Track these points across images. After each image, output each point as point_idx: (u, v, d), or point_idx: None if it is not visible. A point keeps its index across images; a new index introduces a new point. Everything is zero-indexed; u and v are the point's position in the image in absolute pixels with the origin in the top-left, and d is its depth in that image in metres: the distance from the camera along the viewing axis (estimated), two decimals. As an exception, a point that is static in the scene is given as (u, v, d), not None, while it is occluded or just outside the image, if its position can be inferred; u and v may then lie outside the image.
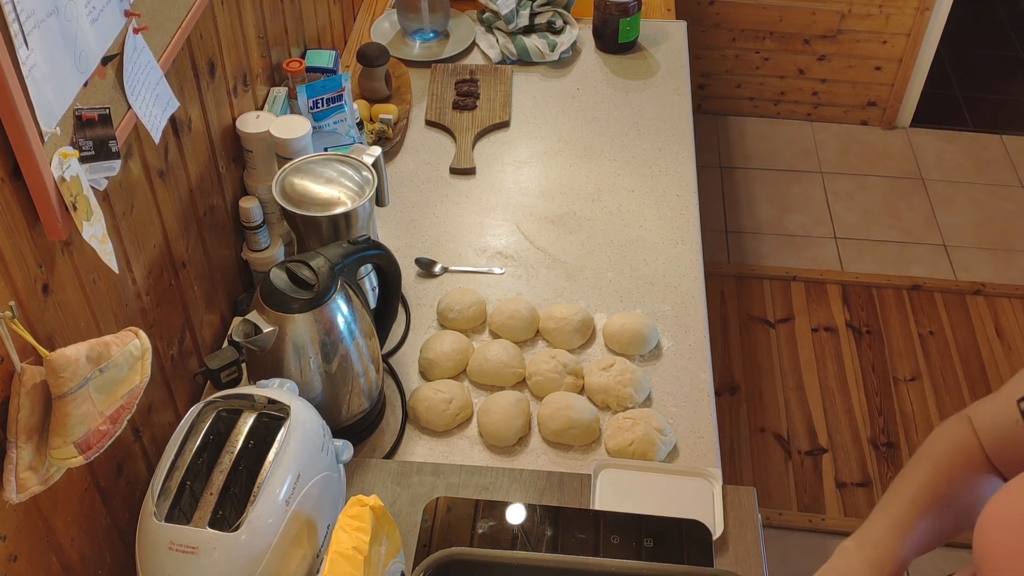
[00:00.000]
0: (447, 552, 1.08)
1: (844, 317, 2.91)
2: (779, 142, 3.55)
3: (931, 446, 1.07)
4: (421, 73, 2.12)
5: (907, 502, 1.02)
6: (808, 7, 3.32)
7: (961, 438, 1.04)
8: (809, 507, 2.43)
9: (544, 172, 1.88)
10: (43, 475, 0.98)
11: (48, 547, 1.05)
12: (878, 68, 3.45)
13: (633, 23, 2.15)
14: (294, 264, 1.26)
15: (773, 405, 2.67)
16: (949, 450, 1.05)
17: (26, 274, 0.98)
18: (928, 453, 1.06)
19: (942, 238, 3.17)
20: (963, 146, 3.53)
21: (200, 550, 1.03)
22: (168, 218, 1.33)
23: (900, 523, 1.01)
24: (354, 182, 1.41)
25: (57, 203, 0.98)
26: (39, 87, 0.94)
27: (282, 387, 1.19)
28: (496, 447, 1.40)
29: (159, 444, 1.30)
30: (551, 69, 2.15)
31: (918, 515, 1.01)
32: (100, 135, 1.06)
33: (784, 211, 3.27)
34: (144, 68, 1.17)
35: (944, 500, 1.02)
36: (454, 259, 1.69)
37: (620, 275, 1.66)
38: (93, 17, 1.04)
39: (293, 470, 1.09)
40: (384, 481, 1.33)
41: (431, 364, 1.48)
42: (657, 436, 1.36)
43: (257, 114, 1.56)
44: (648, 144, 1.94)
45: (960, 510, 1.02)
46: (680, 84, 2.10)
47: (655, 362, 1.51)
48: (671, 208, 1.79)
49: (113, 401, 1.03)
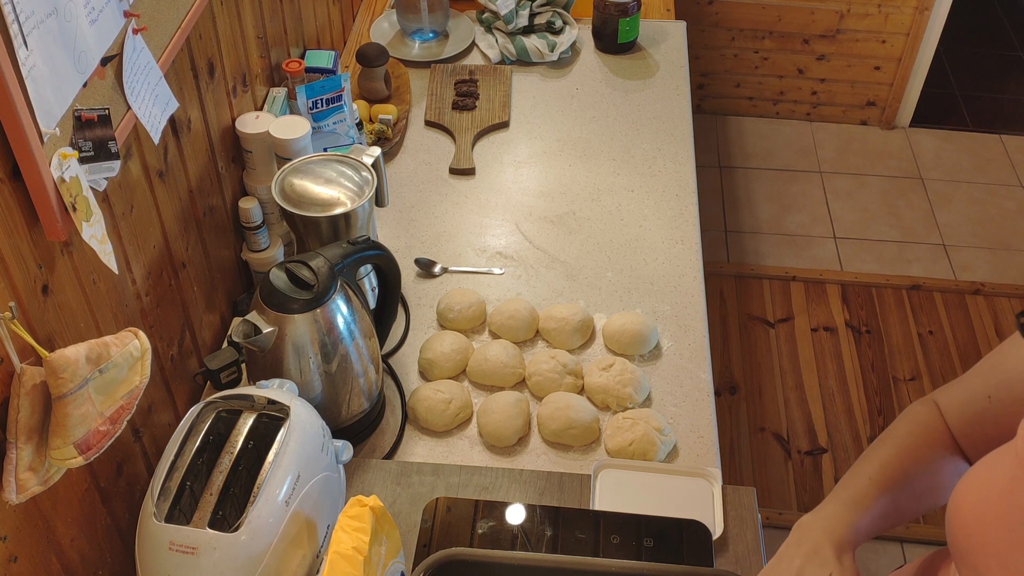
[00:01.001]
0: (447, 552, 1.08)
1: (844, 317, 2.91)
2: (778, 142, 3.55)
3: (895, 427, 1.07)
4: (420, 73, 2.12)
5: (866, 479, 1.02)
6: (807, 7, 3.32)
7: (927, 419, 1.04)
8: (809, 507, 2.41)
9: (544, 172, 1.88)
10: (43, 476, 0.98)
11: (48, 548, 1.05)
12: (877, 68, 3.45)
13: (632, 23, 2.15)
14: (294, 264, 1.26)
15: (773, 405, 2.67)
16: (913, 431, 1.05)
17: (26, 275, 0.98)
18: (892, 434, 1.06)
19: (941, 238, 3.17)
20: (962, 145, 3.53)
21: (200, 550, 1.03)
22: (168, 219, 1.33)
23: (857, 497, 1.01)
24: (354, 182, 1.41)
25: (57, 204, 0.98)
26: (38, 88, 0.94)
27: (282, 387, 1.19)
28: (496, 447, 1.40)
29: (159, 444, 1.30)
30: (550, 69, 2.15)
31: (876, 491, 1.01)
32: (100, 136, 1.06)
33: (783, 211, 3.27)
34: (143, 68, 1.17)
35: (905, 479, 1.02)
36: (454, 259, 1.69)
37: (620, 275, 1.66)
38: (92, 18, 1.04)
39: (293, 470, 1.09)
40: (384, 481, 1.33)
41: (431, 364, 1.48)
42: (657, 436, 1.36)
43: (256, 114, 1.56)
44: (647, 144, 1.94)
45: (921, 490, 1.02)
46: (679, 84, 2.10)
47: (655, 362, 1.51)
48: (670, 208, 1.79)
49: (113, 402, 1.03)
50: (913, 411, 1.07)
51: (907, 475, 1.02)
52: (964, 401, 1.01)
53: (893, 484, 1.01)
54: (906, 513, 1.03)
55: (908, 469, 1.02)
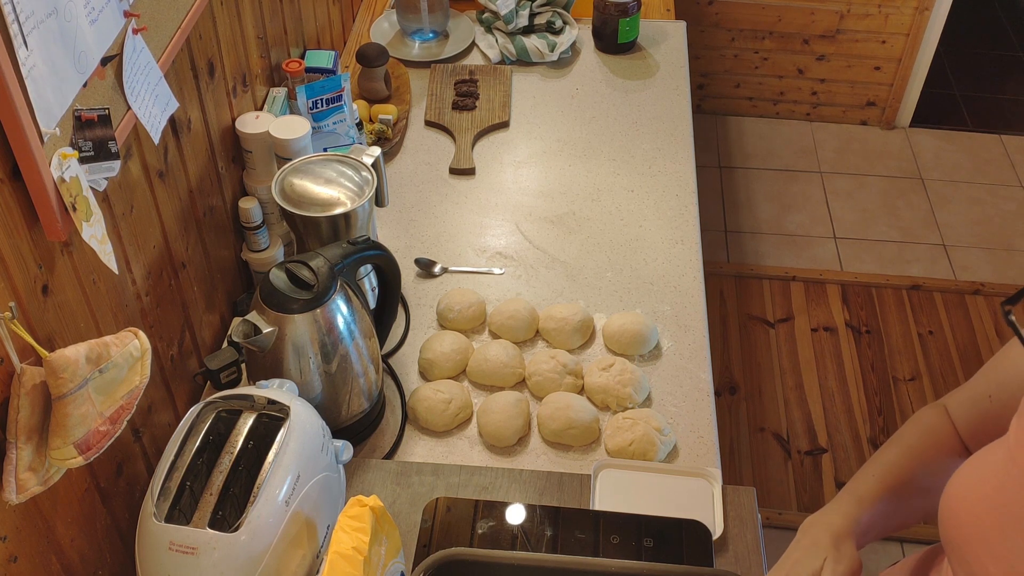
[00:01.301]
0: (447, 552, 1.08)
1: (844, 317, 2.91)
2: (778, 142, 3.55)
3: (905, 431, 1.08)
4: (420, 73, 2.12)
5: (874, 481, 1.03)
6: (807, 7, 3.32)
7: (935, 423, 1.06)
8: (809, 507, 2.43)
9: (543, 172, 1.88)
10: (43, 476, 0.98)
11: (48, 548, 1.05)
12: (877, 68, 3.45)
13: (632, 23, 2.15)
14: (294, 264, 1.26)
15: (773, 405, 2.67)
16: (922, 433, 1.06)
17: (26, 275, 0.98)
18: (900, 437, 1.08)
19: (941, 238, 3.17)
20: (962, 146, 3.53)
21: (200, 550, 1.03)
22: (168, 219, 1.33)
23: (862, 498, 1.03)
24: (354, 182, 1.41)
25: (57, 204, 0.98)
26: (38, 88, 0.94)
27: (282, 387, 1.19)
28: (496, 447, 1.40)
29: (159, 445, 1.30)
30: (550, 69, 2.15)
31: (883, 492, 1.02)
32: (99, 136, 1.06)
33: (783, 211, 3.27)
34: (143, 68, 1.17)
35: (910, 480, 1.03)
36: (454, 259, 1.69)
37: (619, 275, 1.66)
38: (92, 18, 1.04)
39: (293, 470, 1.09)
40: (384, 481, 1.33)
41: (431, 364, 1.48)
42: (657, 436, 1.36)
43: (256, 114, 1.56)
44: (647, 144, 1.94)
45: (927, 492, 1.03)
46: (679, 84, 2.10)
47: (655, 362, 1.51)
48: (670, 208, 1.79)
49: (113, 402, 1.03)
50: (922, 415, 1.08)
51: (913, 477, 1.03)
52: (969, 403, 1.03)
53: (898, 485, 1.03)
54: (912, 514, 1.04)
55: (914, 471, 1.04)
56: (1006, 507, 0.80)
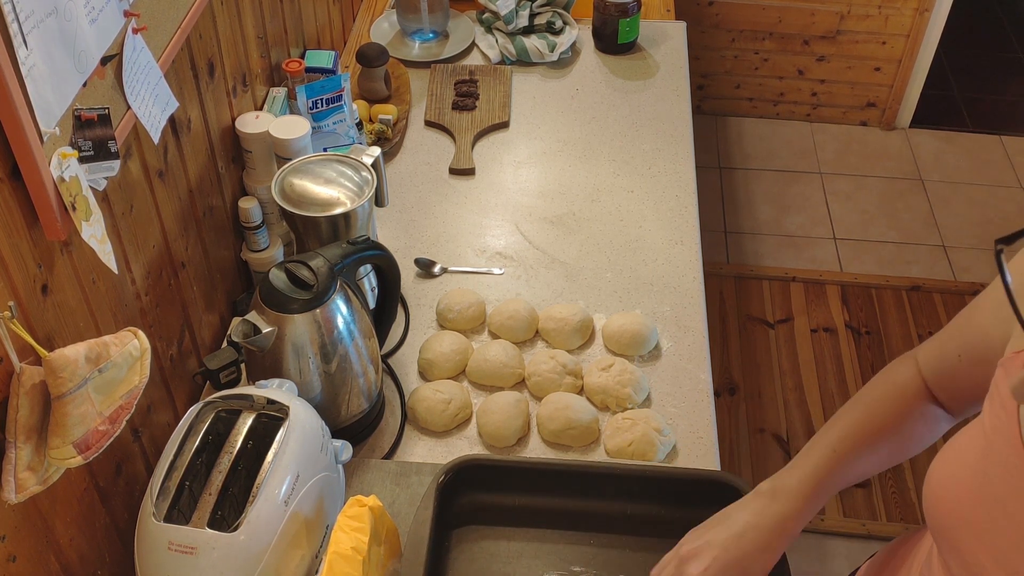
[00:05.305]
0: (465, 457, 1.23)
1: (843, 318, 2.91)
2: (778, 143, 3.55)
3: (870, 389, 1.08)
4: (420, 73, 2.12)
5: (829, 450, 1.03)
6: (807, 8, 3.32)
7: (901, 378, 1.05)
8: (808, 508, 2.43)
9: (543, 172, 1.88)
10: (42, 475, 0.98)
11: (47, 547, 1.05)
12: (877, 69, 3.45)
13: (632, 24, 2.15)
14: (293, 264, 1.26)
15: (772, 405, 2.67)
16: (885, 393, 1.05)
17: (25, 274, 0.98)
18: (864, 397, 1.07)
19: (941, 239, 3.18)
20: (962, 147, 3.53)
21: (199, 550, 1.03)
22: (167, 218, 1.33)
23: (817, 473, 1.02)
24: (353, 182, 1.41)
25: (56, 203, 0.98)
26: (38, 87, 0.94)
27: (281, 387, 1.19)
28: (495, 447, 1.40)
29: (158, 444, 1.30)
30: (550, 70, 2.15)
31: (838, 462, 1.02)
32: (99, 135, 1.06)
33: (783, 211, 3.27)
34: (143, 68, 1.17)
35: (869, 443, 1.03)
36: (453, 259, 1.69)
37: (619, 275, 1.66)
38: (92, 17, 1.04)
39: (292, 470, 1.09)
40: (383, 481, 1.33)
41: (430, 364, 1.47)
42: (656, 437, 1.36)
43: (256, 114, 1.56)
44: (647, 144, 1.94)
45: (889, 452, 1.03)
46: (679, 84, 2.10)
47: (654, 362, 1.51)
48: (670, 208, 1.79)
49: (112, 401, 1.03)
50: (893, 369, 1.08)
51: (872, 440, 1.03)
52: (938, 358, 1.02)
53: (855, 452, 1.02)
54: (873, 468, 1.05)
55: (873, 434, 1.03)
56: (987, 488, 0.81)
